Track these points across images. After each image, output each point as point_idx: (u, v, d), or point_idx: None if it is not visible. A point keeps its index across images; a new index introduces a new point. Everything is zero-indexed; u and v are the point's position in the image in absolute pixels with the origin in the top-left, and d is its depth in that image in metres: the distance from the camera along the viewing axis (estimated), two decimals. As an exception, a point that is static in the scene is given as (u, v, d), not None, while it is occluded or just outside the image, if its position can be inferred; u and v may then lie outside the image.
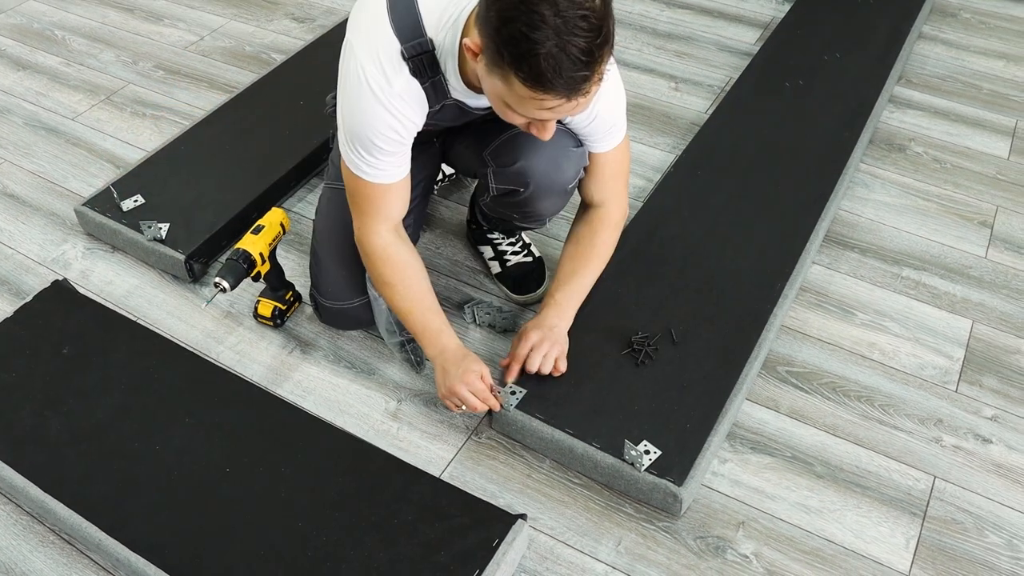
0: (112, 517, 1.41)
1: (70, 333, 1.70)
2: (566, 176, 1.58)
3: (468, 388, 1.50)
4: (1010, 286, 1.91)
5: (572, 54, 1.14)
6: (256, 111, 2.26)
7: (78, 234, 2.02)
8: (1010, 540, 1.47)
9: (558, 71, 1.15)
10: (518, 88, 1.20)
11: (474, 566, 1.34)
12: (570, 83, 1.17)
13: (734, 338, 1.68)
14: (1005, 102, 2.46)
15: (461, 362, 1.52)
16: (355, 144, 1.45)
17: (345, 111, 1.44)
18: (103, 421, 1.55)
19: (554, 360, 1.57)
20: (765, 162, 2.10)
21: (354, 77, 1.39)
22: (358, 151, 1.45)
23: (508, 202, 1.65)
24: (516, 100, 1.24)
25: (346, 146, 1.47)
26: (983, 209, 2.11)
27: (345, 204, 1.64)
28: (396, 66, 1.38)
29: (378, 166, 1.47)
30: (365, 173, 1.48)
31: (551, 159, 1.55)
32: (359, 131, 1.43)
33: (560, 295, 1.62)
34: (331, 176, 1.74)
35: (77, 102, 2.44)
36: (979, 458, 1.58)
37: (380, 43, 1.37)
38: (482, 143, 1.62)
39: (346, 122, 1.45)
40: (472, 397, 1.50)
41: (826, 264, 1.95)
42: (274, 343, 1.78)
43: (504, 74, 1.20)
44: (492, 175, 1.61)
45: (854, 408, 1.66)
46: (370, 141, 1.43)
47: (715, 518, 1.49)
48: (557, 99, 1.20)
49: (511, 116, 1.31)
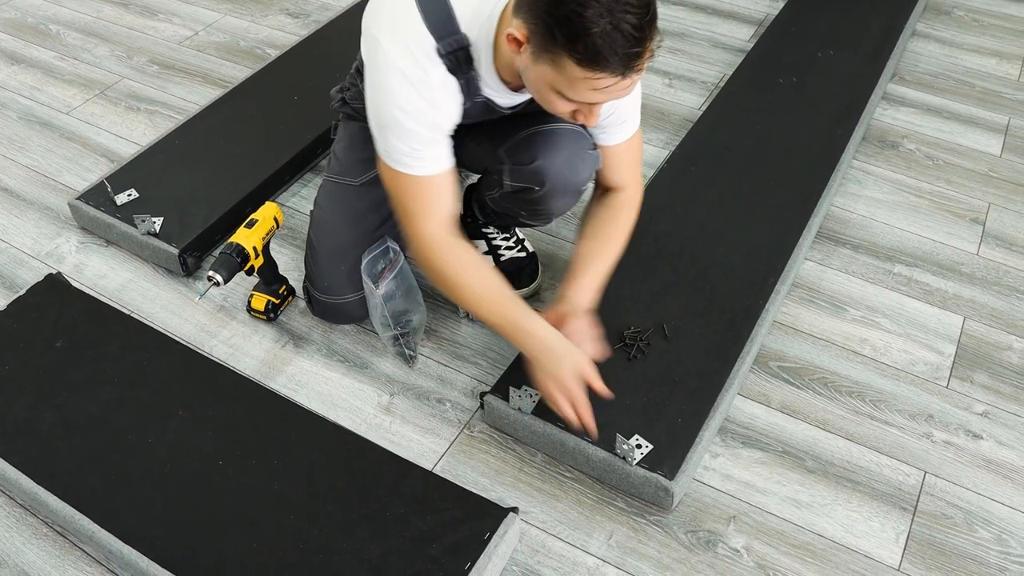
0: (105, 509, 1.42)
1: (63, 326, 1.70)
2: (581, 177, 1.60)
3: (564, 393, 1.41)
4: (1001, 283, 1.92)
5: (625, 31, 1.15)
6: (250, 106, 2.26)
7: (72, 228, 2.02)
8: (999, 535, 1.48)
9: (613, 48, 1.16)
10: (571, 70, 1.20)
11: (466, 559, 1.34)
12: (624, 60, 1.18)
13: (726, 333, 1.69)
14: (998, 100, 2.47)
15: (572, 353, 1.42)
16: (394, 140, 1.42)
17: (381, 108, 1.41)
18: (96, 414, 1.55)
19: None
20: (758, 158, 2.11)
21: (388, 73, 1.37)
22: (398, 147, 1.43)
23: (520, 199, 1.65)
24: (568, 84, 1.24)
25: (385, 144, 1.44)
26: (975, 206, 2.12)
27: (345, 198, 1.64)
28: (432, 62, 1.37)
29: (422, 156, 1.43)
30: (409, 167, 1.44)
31: (568, 159, 1.56)
32: (398, 125, 1.40)
33: (587, 280, 1.56)
34: (333, 170, 1.73)
35: (71, 96, 2.43)
36: (969, 454, 1.59)
37: (413, 39, 1.36)
38: (497, 140, 1.62)
39: (382, 118, 1.42)
40: (567, 408, 1.41)
41: (818, 260, 1.96)
42: (267, 337, 1.79)
43: (555, 57, 1.21)
44: (508, 172, 1.61)
45: (845, 403, 1.67)
46: (410, 133, 1.41)
47: (706, 512, 1.50)
48: (612, 77, 1.20)
49: (558, 104, 1.30)
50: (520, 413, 1.55)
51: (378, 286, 1.63)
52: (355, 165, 1.70)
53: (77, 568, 1.43)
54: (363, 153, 1.67)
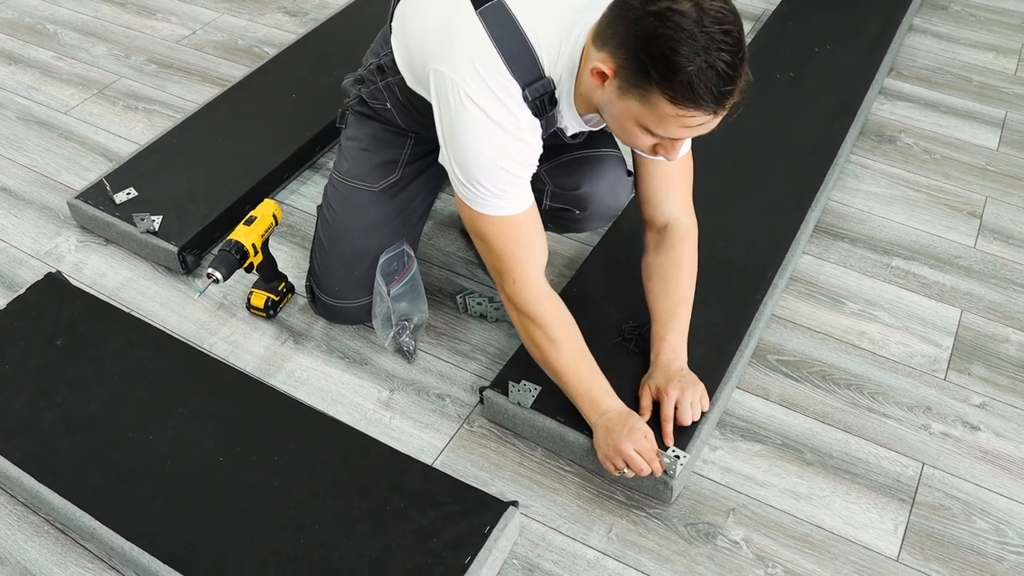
0: (106, 506, 1.42)
1: (63, 324, 1.70)
2: (619, 202, 1.63)
3: (635, 447, 1.39)
4: (999, 275, 1.92)
5: (720, 69, 1.14)
6: (248, 104, 2.26)
7: (71, 227, 2.03)
8: (997, 525, 1.48)
9: (708, 87, 1.14)
10: (662, 107, 1.18)
11: (466, 552, 1.35)
12: (718, 98, 1.16)
13: (725, 327, 1.70)
14: (995, 94, 2.47)
15: (626, 421, 1.42)
16: (487, 183, 1.36)
17: (468, 153, 1.34)
18: (96, 411, 1.56)
19: (700, 403, 1.51)
20: (756, 153, 2.11)
21: (477, 118, 1.32)
22: (489, 189, 1.36)
23: (556, 217, 1.65)
24: (656, 120, 1.22)
25: (473, 188, 1.37)
26: (972, 199, 2.12)
27: (363, 205, 1.62)
28: (519, 107, 1.33)
29: (514, 195, 1.38)
30: (501, 208, 1.38)
31: (610, 186, 1.58)
32: (493, 169, 1.34)
33: (672, 336, 1.54)
34: (347, 173, 1.67)
35: (69, 96, 2.44)
36: (967, 445, 1.60)
37: (496, 84, 1.31)
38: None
39: (469, 164, 1.35)
40: (638, 457, 1.39)
41: (816, 254, 1.97)
42: (267, 334, 1.79)
43: (645, 93, 1.19)
44: (549, 193, 1.60)
45: (843, 396, 1.67)
46: (505, 172, 1.35)
47: (705, 505, 1.51)
48: (704, 115, 1.19)
49: (641, 139, 1.28)
50: (519, 407, 1.56)
51: (390, 288, 1.64)
52: (373, 170, 1.66)
53: (79, 565, 1.43)
54: (381, 157, 1.66)
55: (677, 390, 1.49)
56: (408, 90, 1.52)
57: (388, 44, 1.54)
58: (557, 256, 1.95)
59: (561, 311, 1.48)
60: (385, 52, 1.56)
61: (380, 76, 1.59)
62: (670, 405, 1.48)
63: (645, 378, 1.55)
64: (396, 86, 1.55)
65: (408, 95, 1.53)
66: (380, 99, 1.60)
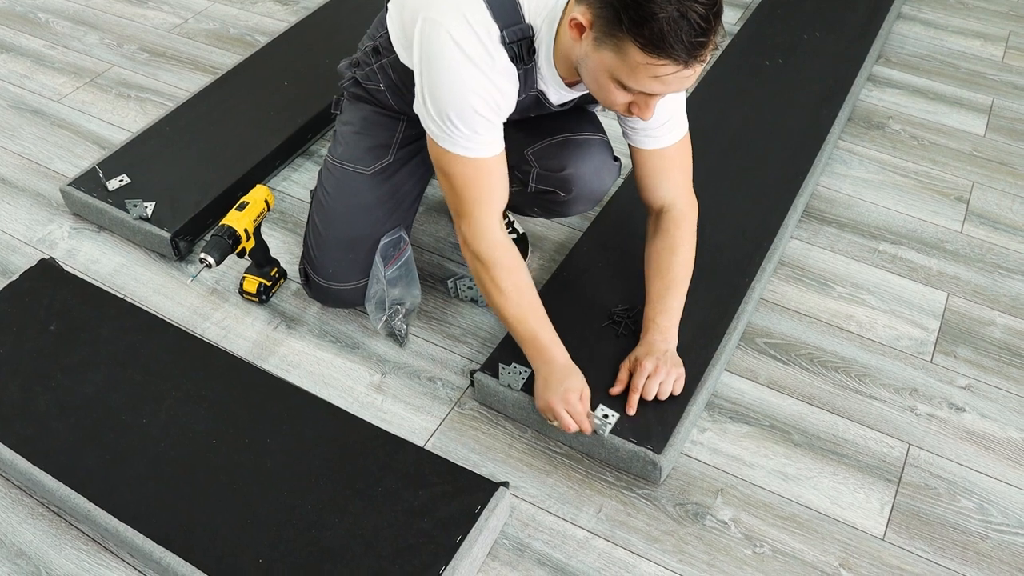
0: (100, 488, 1.43)
1: (57, 310, 1.71)
2: (605, 185, 1.64)
3: (565, 406, 1.44)
4: (985, 259, 1.94)
5: (692, 19, 1.15)
6: (240, 92, 2.26)
7: (64, 214, 2.03)
8: (981, 504, 1.50)
9: (679, 35, 1.16)
10: (634, 55, 1.20)
11: (457, 532, 1.36)
12: (689, 48, 1.18)
13: (713, 310, 1.71)
14: (982, 80, 2.49)
15: (565, 379, 1.46)
16: (457, 121, 1.38)
17: (441, 88, 1.37)
18: (90, 395, 1.57)
19: (672, 383, 1.53)
20: (745, 139, 2.13)
21: (454, 54, 1.34)
22: (459, 129, 1.39)
23: (541, 199, 1.67)
24: (629, 71, 1.23)
25: (443, 126, 1.40)
26: (959, 185, 2.14)
27: (357, 188, 1.64)
28: (497, 48, 1.35)
29: (483, 138, 1.40)
30: (468, 149, 1.41)
31: (596, 169, 1.59)
32: (464, 106, 1.37)
33: (661, 318, 1.57)
34: (341, 156, 1.68)
35: (61, 84, 2.44)
36: (952, 426, 1.62)
37: (477, 24, 1.33)
38: (526, 141, 1.62)
39: (444, 100, 1.37)
40: (566, 416, 1.44)
41: (804, 239, 1.98)
42: (259, 319, 1.80)
43: (619, 43, 1.20)
44: (534, 175, 1.62)
45: (831, 378, 1.69)
46: (474, 111, 1.37)
47: (694, 485, 1.52)
48: (675, 65, 1.19)
49: (615, 94, 1.29)
50: (509, 390, 1.57)
51: (386, 271, 1.65)
52: (367, 153, 1.68)
53: (73, 547, 1.44)
54: (375, 140, 1.67)
55: (652, 364, 1.52)
56: (401, 68, 1.54)
57: (384, 26, 1.57)
58: (547, 241, 1.96)
59: (513, 259, 1.50)
60: (380, 33, 1.58)
61: (375, 57, 1.61)
62: (641, 377, 1.51)
63: (629, 355, 1.58)
64: (390, 66, 1.57)
65: (400, 74, 1.55)
66: (374, 80, 1.63)
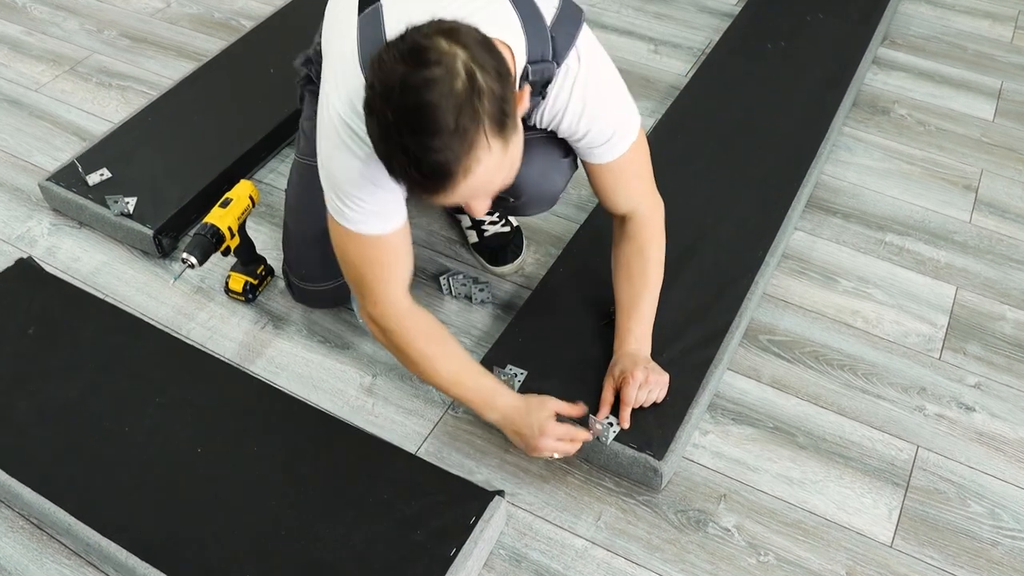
0: (81, 501, 1.38)
1: (36, 312, 1.65)
2: (556, 187, 1.57)
3: (554, 437, 1.37)
4: (994, 251, 1.89)
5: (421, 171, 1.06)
6: (225, 80, 2.20)
7: (44, 210, 1.97)
8: (992, 509, 1.46)
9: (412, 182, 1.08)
10: None
11: (451, 544, 1.32)
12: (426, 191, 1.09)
13: (715, 307, 1.66)
14: (990, 63, 2.42)
15: (528, 416, 1.38)
16: (347, 196, 1.29)
17: (331, 163, 1.29)
18: (71, 402, 1.51)
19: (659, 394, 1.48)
20: (746, 126, 2.06)
21: (327, 124, 1.27)
22: (349, 204, 1.29)
23: (496, 205, 1.58)
24: None
25: (335, 200, 1.31)
26: (968, 172, 2.08)
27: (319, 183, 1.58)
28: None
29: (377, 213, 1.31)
30: (365, 225, 1.31)
31: (542, 171, 1.51)
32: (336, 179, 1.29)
33: (637, 327, 1.50)
34: (303, 151, 1.63)
35: (40, 73, 2.37)
36: (962, 427, 1.57)
37: (352, 87, 1.22)
38: None
39: (333, 175, 1.29)
40: (563, 444, 1.37)
41: (808, 230, 1.93)
42: (246, 318, 1.74)
43: None
44: None
45: (837, 377, 1.64)
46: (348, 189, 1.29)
47: (696, 491, 1.48)
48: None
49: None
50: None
51: None
52: None
53: (55, 561, 1.40)
54: None
55: (643, 374, 1.45)
56: None
57: None
58: (543, 233, 1.90)
59: (425, 322, 1.42)
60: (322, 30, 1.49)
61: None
62: (633, 388, 1.44)
63: (609, 369, 1.51)
64: None
65: None
66: None
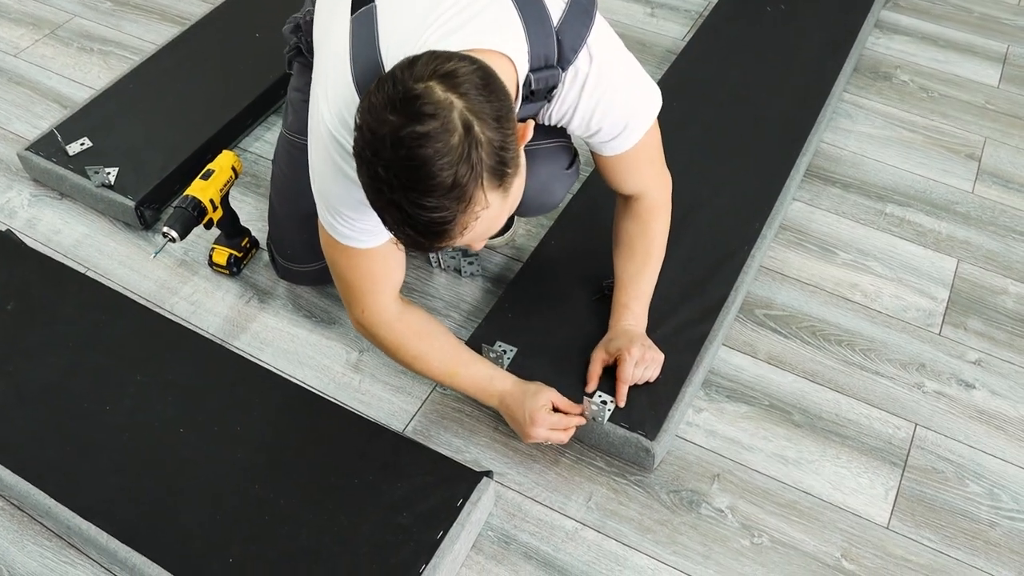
0: (61, 482, 1.36)
1: (15, 288, 1.62)
2: (556, 198, 1.54)
3: (547, 426, 1.36)
4: (997, 223, 1.84)
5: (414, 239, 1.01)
6: (210, 44, 2.14)
7: (23, 180, 1.92)
8: (991, 489, 1.43)
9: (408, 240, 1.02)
10: None
11: (438, 527, 1.29)
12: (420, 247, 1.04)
13: (710, 280, 1.62)
14: (996, 26, 2.36)
15: (524, 403, 1.37)
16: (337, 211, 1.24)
17: (314, 172, 1.25)
18: (51, 381, 1.48)
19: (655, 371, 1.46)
20: (744, 92, 2.01)
21: (317, 137, 1.20)
22: (339, 218, 1.24)
23: None
24: None
25: (325, 212, 1.26)
26: (971, 141, 2.03)
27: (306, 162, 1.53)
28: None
29: (367, 230, 1.26)
30: (355, 240, 1.27)
31: (543, 183, 1.47)
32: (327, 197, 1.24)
33: (636, 304, 1.47)
34: (292, 127, 1.56)
35: (19, 37, 2.30)
36: (961, 404, 1.54)
37: (343, 99, 1.15)
38: None
39: (323, 188, 1.24)
40: (557, 433, 1.37)
41: (807, 200, 1.88)
42: (231, 292, 1.71)
43: None
44: None
45: (834, 353, 1.61)
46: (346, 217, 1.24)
47: (689, 471, 1.45)
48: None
49: None
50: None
51: None
52: None
53: (36, 544, 1.37)
54: None
55: (640, 352, 1.42)
56: None
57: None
58: (536, 206, 1.86)
59: (416, 322, 1.39)
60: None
61: None
62: (630, 366, 1.42)
63: (600, 344, 1.47)
64: None
65: None
66: None
